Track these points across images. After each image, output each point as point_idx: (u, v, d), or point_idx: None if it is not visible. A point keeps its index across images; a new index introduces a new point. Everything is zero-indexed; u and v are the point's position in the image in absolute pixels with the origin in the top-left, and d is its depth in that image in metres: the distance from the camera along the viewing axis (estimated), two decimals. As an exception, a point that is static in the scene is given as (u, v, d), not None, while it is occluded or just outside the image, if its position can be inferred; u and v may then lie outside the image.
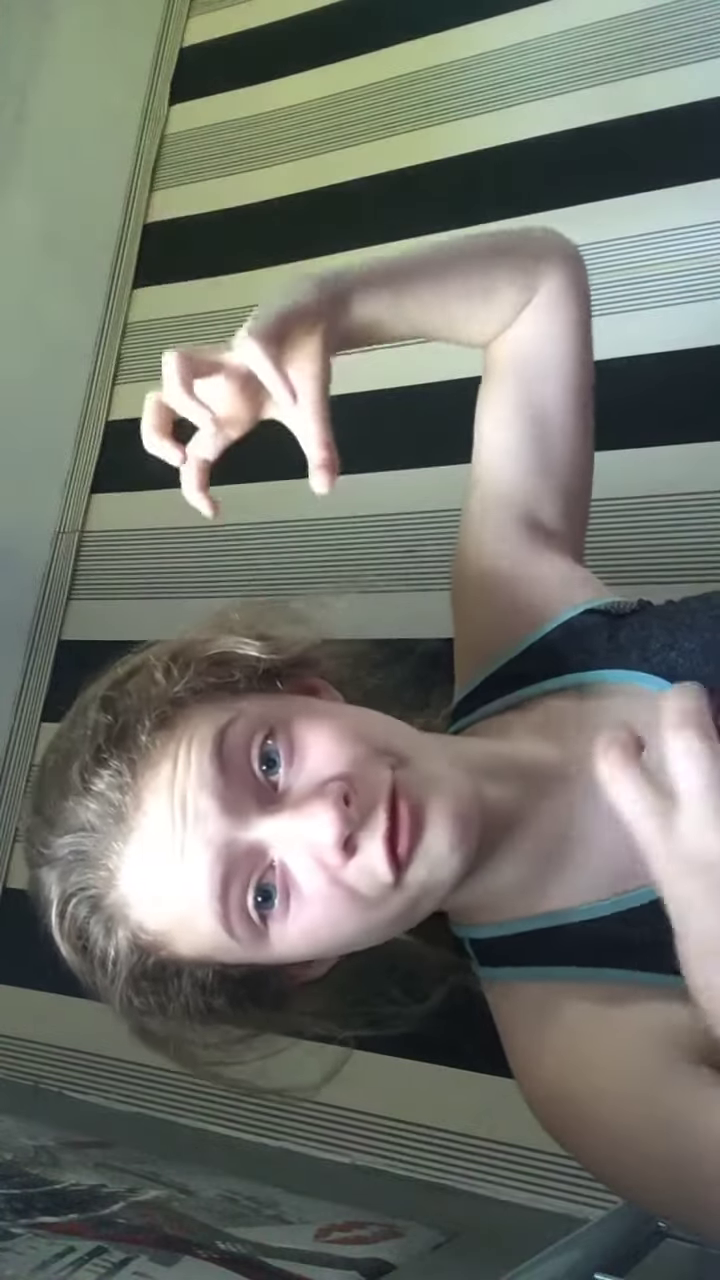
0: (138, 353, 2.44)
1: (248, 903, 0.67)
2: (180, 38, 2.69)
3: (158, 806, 0.68)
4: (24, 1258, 1.05)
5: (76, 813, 0.70)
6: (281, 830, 0.66)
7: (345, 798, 0.65)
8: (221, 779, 0.67)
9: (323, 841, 0.65)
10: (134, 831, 0.68)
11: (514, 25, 2.20)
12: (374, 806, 0.66)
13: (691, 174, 1.91)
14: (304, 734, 0.69)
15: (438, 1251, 1.27)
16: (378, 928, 0.70)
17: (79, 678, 0.79)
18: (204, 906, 0.67)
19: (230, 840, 0.66)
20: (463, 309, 0.87)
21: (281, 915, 0.67)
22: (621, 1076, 0.68)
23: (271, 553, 2.11)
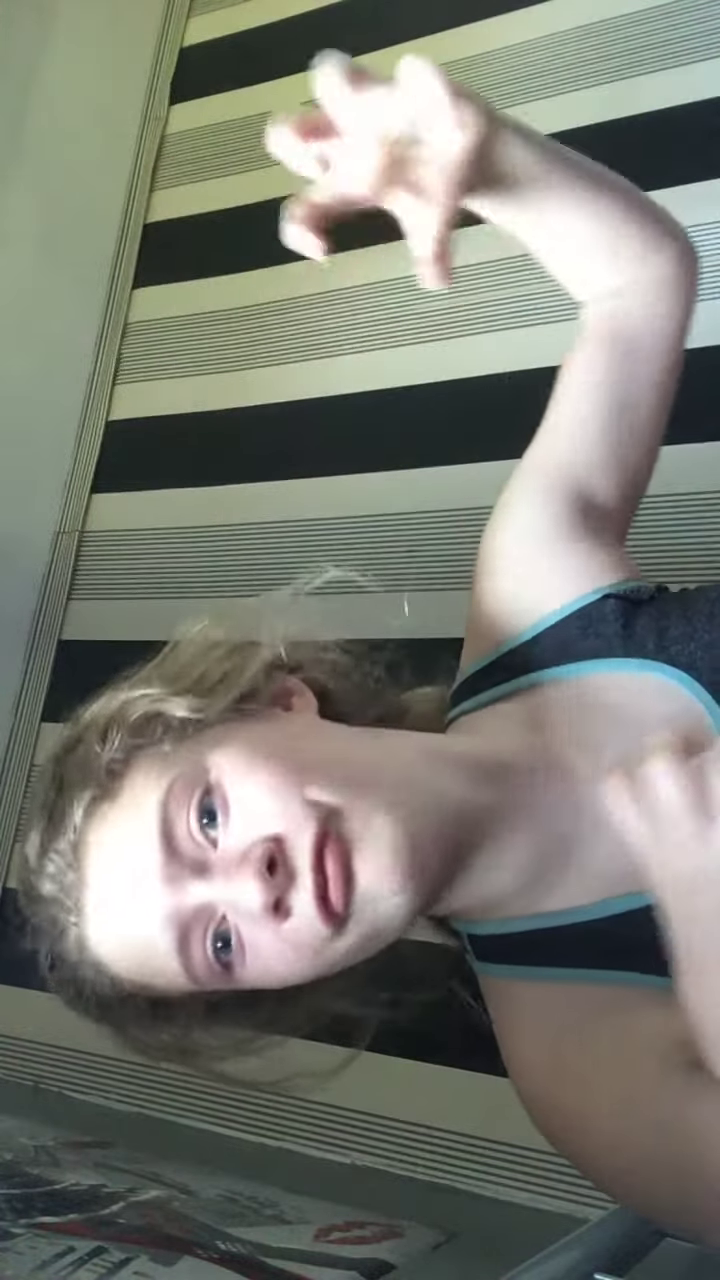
0: (138, 353, 2.44)
1: (208, 952, 0.70)
2: (180, 38, 2.69)
3: (99, 878, 0.71)
4: (24, 1258, 1.05)
5: (39, 885, 0.74)
6: (216, 894, 0.68)
7: (271, 861, 0.66)
8: (162, 858, 0.69)
9: (251, 908, 0.67)
10: (85, 907, 0.72)
11: (514, 25, 2.20)
12: (302, 865, 0.67)
13: (691, 174, 1.91)
14: (236, 789, 0.69)
15: (438, 1251, 1.27)
16: (340, 962, 0.71)
17: (79, 678, 0.79)
18: (169, 965, 0.70)
19: (175, 907, 0.69)
20: (587, 239, 0.82)
21: (240, 960, 0.70)
22: (617, 1082, 0.68)
23: (271, 553, 2.11)
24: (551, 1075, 0.71)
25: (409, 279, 0.70)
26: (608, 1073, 0.68)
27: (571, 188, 0.77)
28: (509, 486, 0.89)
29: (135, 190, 2.56)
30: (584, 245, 0.82)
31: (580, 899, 0.74)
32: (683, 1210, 0.66)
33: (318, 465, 2.12)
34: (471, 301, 2.04)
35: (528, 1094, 0.72)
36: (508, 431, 2.06)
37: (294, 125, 0.69)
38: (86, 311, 2.46)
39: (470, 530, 1.91)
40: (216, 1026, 0.77)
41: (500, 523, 0.88)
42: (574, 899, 0.74)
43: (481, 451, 1.95)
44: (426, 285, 0.68)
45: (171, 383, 2.38)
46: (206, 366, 2.34)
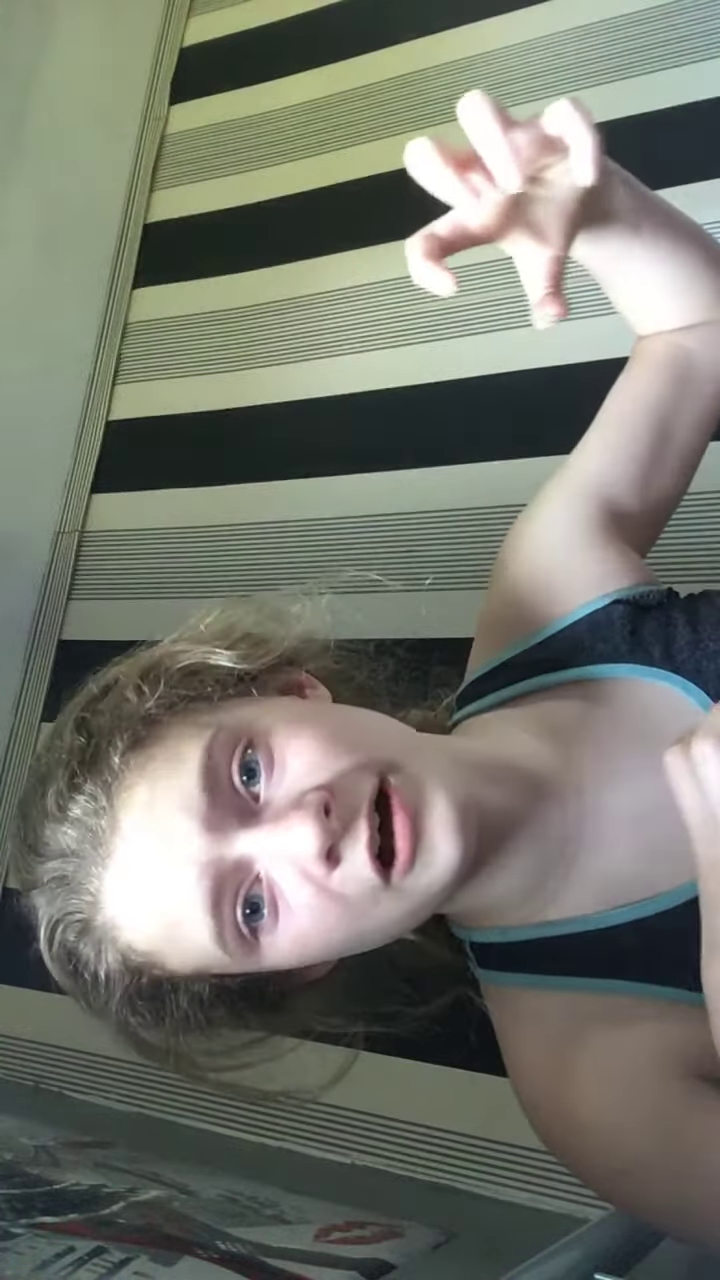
0: (138, 353, 2.45)
1: (237, 916, 0.66)
2: (180, 38, 2.69)
3: (135, 829, 0.67)
4: (24, 1258, 1.05)
5: (56, 838, 0.69)
6: (263, 844, 0.66)
7: (326, 808, 0.64)
8: (206, 799, 0.66)
9: (304, 854, 0.64)
10: (112, 856, 0.68)
11: (514, 25, 2.21)
12: (356, 814, 0.65)
13: (691, 174, 1.91)
14: (284, 743, 0.67)
15: (438, 1251, 1.27)
16: (371, 933, 0.69)
17: (79, 678, 0.78)
18: (196, 925, 0.66)
19: (215, 858, 0.66)
20: (662, 284, 0.85)
21: (271, 926, 0.67)
22: (616, 1089, 0.68)
23: (271, 553, 2.11)
24: (552, 1080, 0.70)
25: (409, 279, 0.70)
26: (607, 1080, 0.68)
27: (657, 234, 0.81)
28: (541, 493, 0.89)
29: (135, 190, 2.56)
30: (658, 289, 0.86)
31: (582, 908, 0.73)
32: (681, 1214, 0.66)
33: (318, 465, 2.12)
34: (471, 301, 2.04)
35: (528, 1099, 0.72)
36: (508, 431, 2.07)
37: (439, 152, 0.68)
38: (86, 311, 2.46)
39: (470, 530, 1.92)
40: (210, 1028, 0.75)
41: (526, 527, 0.88)
42: (576, 908, 0.74)
43: (481, 451, 1.95)
44: (539, 325, 0.71)
45: (171, 383, 2.38)
46: (206, 366, 2.34)
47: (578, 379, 1.91)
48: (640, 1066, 0.68)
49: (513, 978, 0.75)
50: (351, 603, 0.86)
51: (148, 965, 0.70)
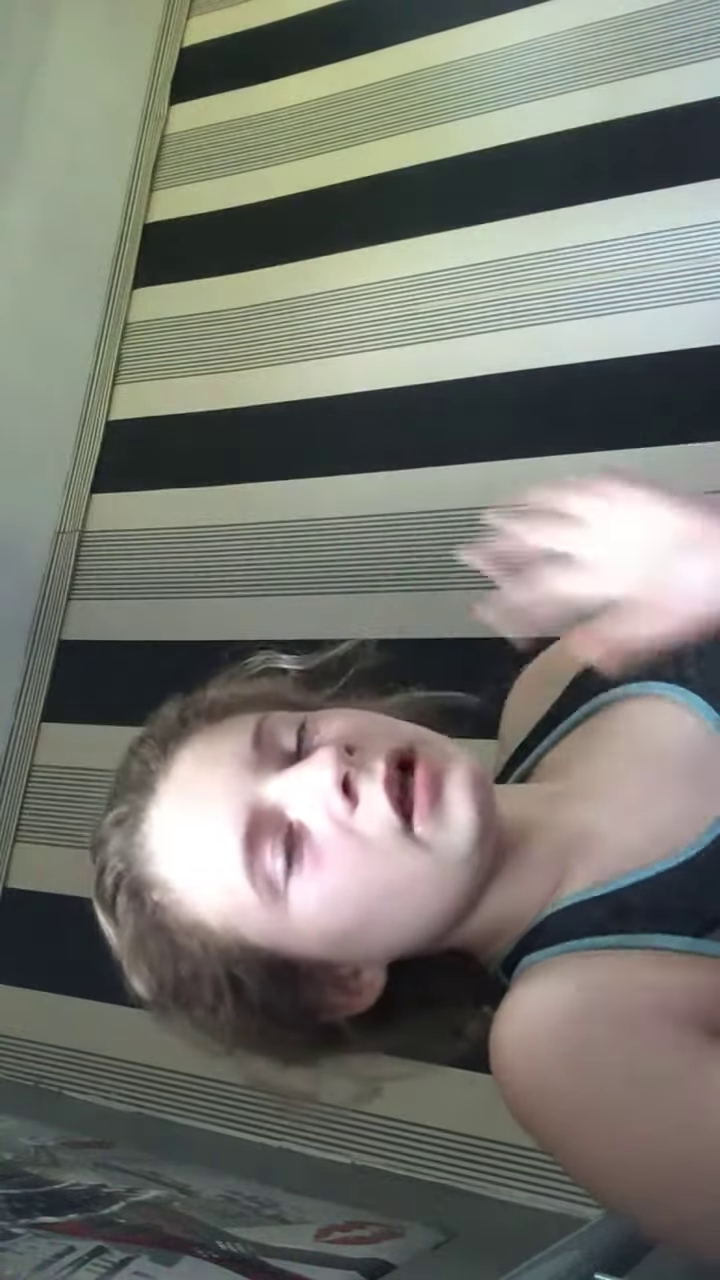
0: (138, 353, 2.45)
1: (268, 857, 0.69)
2: (180, 38, 2.69)
3: (186, 769, 0.73)
4: (24, 1258, 1.05)
5: (119, 792, 0.76)
6: (290, 783, 0.70)
7: (348, 749, 0.70)
8: (254, 752, 0.72)
9: (322, 783, 0.68)
10: (163, 794, 0.73)
11: (513, 25, 2.21)
12: (375, 760, 0.69)
13: (691, 174, 1.91)
14: (329, 718, 0.74)
15: (438, 1251, 1.27)
16: (402, 890, 0.70)
17: (79, 678, 0.80)
18: (230, 855, 0.70)
19: (253, 795, 0.70)
20: None
21: (299, 871, 0.69)
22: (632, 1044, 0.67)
23: (271, 553, 2.11)
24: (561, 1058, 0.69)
25: (409, 279, 0.70)
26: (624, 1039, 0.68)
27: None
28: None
29: (135, 190, 2.56)
30: None
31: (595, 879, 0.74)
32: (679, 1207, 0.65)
33: (318, 465, 2.12)
34: (471, 301, 2.04)
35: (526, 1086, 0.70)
36: (508, 431, 2.08)
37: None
38: (86, 311, 2.46)
39: (469, 530, 1.91)
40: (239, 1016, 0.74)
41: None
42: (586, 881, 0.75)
43: (481, 451, 1.95)
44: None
45: (171, 383, 2.38)
46: (206, 366, 2.34)
47: (578, 379, 1.92)
48: (633, 1010, 0.68)
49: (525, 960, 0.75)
50: (361, 605, 0.87)
51: (181, 904, 0.72)
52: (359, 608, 1.97)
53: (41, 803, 2.19)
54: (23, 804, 2.20)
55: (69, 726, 2.20)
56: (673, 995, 0.68)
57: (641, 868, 0.73)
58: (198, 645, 2.10)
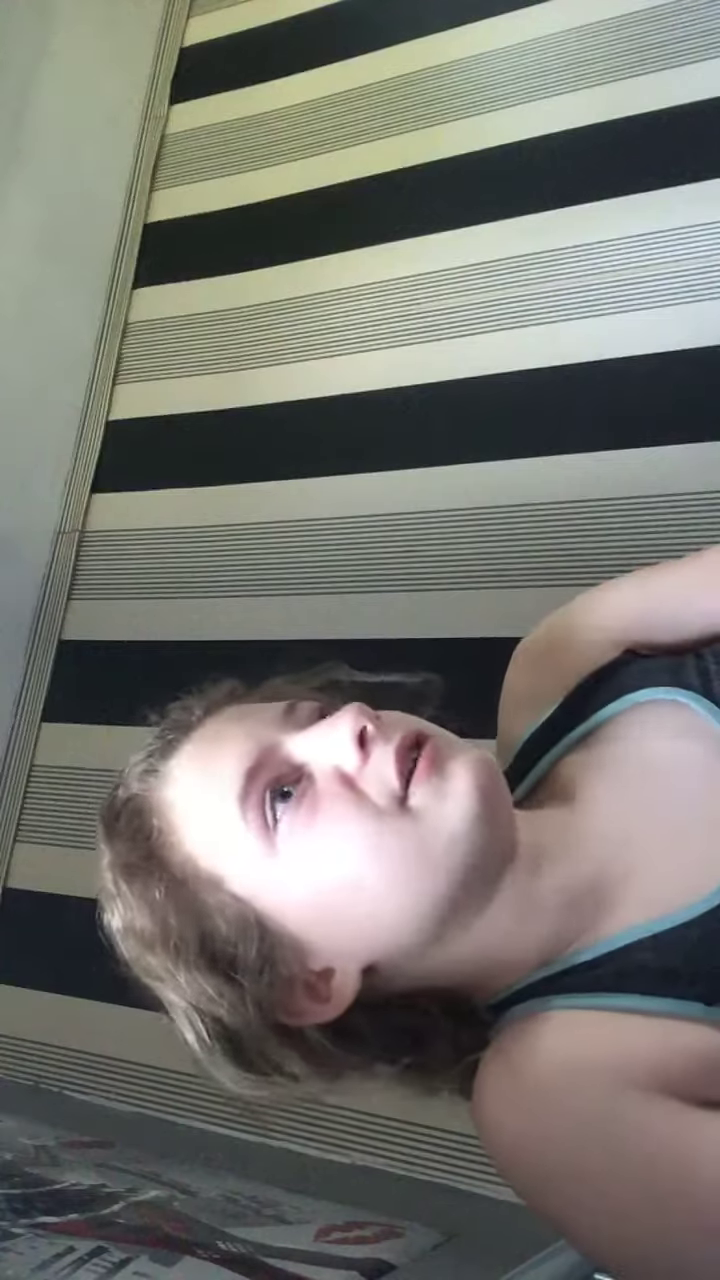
0: (138, 353, 2.45)
1: (265, 792, 0.71)
2: (180, 38, 2.69)
3: (219, 722, 0.77)
4: (24, 1258, 1.05)
5: (153, 737, 0.79)
6: (311, 739, 0.72)
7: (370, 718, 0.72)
8: (283, 715, 0.75)
9: (341, 733, 0.71)
10: (194, 736, 0.76)
11: (514, 25, 2.21)
12: (392, 728, 0.71)
13: (691, 174, 1.91)
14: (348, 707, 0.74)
15: (438, 1251, 1.27)
16: (387, 862, 0.68)
17: (79, 678, 0.80)
18: (231, 786, 0.71)
19: (270, 740, 0.73)
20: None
21: (292, 813, 0.70)
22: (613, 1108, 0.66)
23: (271, 553, 2.11)
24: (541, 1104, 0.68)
25: (409, 279, 0.70)
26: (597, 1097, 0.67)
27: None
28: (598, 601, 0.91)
29: (135, 190, 2.56)
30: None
31: (596, 937, 0.73)
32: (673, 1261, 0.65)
33: (318, 465, 2.12)
34: (471, 301, 2.04)
35: (513, 1143, 0.70)
36: (508, 431, 2.08)
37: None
38: (86, 311, 2.46)
39: (470, 530, 1.92)
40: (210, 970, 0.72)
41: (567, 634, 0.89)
42: (591, 939, 0.73)
43: (481, 451, 1.95)
44: None
45: (171, 383, 2.38)
46: (206, 366, 2.34)
47: (578, 379, 1.92)
48: (613, 1077, 0.67)
49: (510, 1014, 0.74)
50: (361, 605, 0.87)
51: (175, 833, 0.73)
52: (359, 608, 1.97)
53: (41, 803, 2.19)
54: (23, 804, 2.20)
55: (69, 726, 2.20)
56: (672, 1064, 0.66)
57: (651, 920, 0.71)
58: (198, 645, 2.10)
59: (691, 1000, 0.68)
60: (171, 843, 0.73)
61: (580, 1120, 0.67)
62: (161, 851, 0.73)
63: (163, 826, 0.74)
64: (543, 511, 1.85)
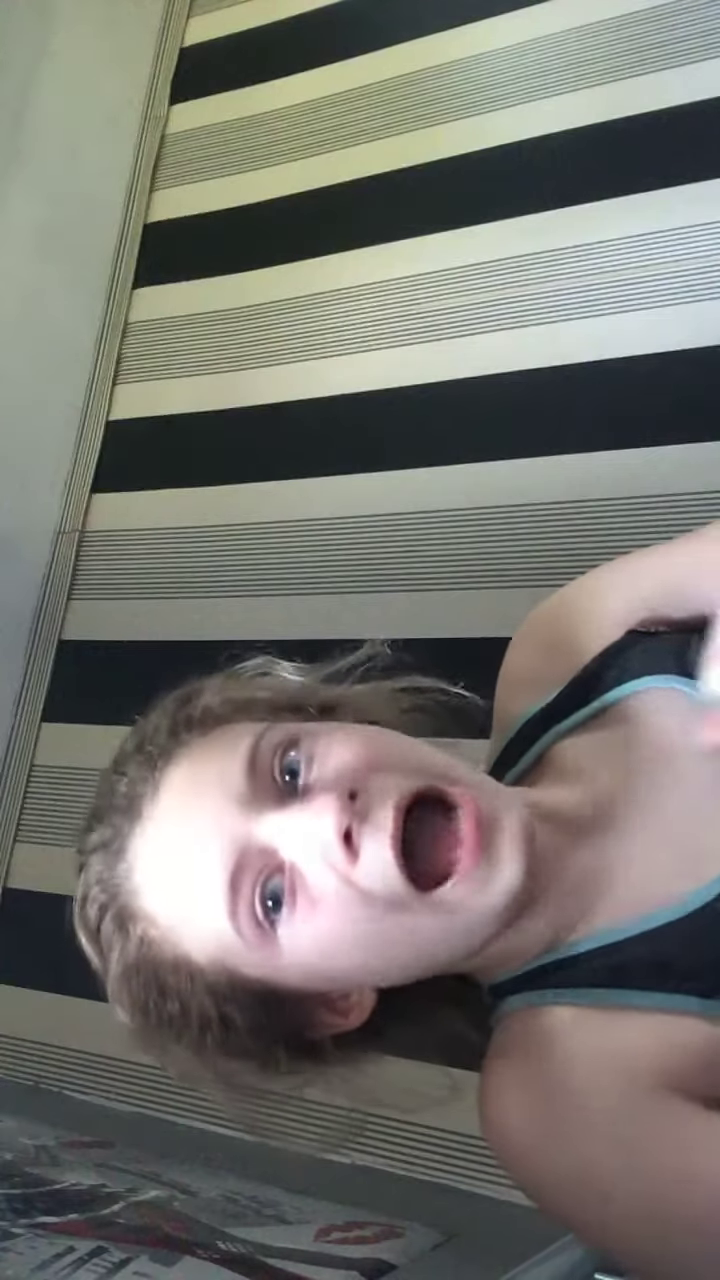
0: (138, 353, 2.44)
1: (255, 899, 0.66)
2: (180, 38, 2.69)
3: (173, 796, 0.69)
4: (24, 1258, 1.05)
5: (104, 810, 0.72)
6: (287, 824, 0.66)
7: (351, 794, 0.65)
8: (245, 782, 0.68)
9: (321, 832, 0.64)
10: (149, 821, 0.69)
11: (514, 25, 2.21)
12: (381, 807, 0.65)
13: (691, 174, 1.91)
14: (326, 744, 0.69)
15: (438, 1251, 1.27)
16: (400, 947, 0.67)
17: (79, 678, 0.80)
18: (214, 898, 0.66)
19: (243, 834, 0.66)
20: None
21: (290, 917, 0.66)
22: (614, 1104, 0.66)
23: (271, 553, 2.11)
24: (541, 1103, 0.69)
25: (409, 279, 0.70)
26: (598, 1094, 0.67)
27: None
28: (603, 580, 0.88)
29: (135, 190, 2.56)
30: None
31: (599, 924, 0.73)
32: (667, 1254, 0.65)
33: (318, 465, 2.12)
34: (471, 301, 2.04)
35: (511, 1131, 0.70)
36: (508, 432, 2.07)
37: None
38: (86, 311, 2.46)
39: (470, 530, 1.92)
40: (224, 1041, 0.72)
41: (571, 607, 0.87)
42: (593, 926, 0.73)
43: (481, 451, 1.95)
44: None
45: (171, 383, 2.38)
46: (206, 366, 2.34)
47: (578, 379, 1.91)
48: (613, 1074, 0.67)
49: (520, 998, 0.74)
50: (361, 605, 0.86)
51: (166, 941, 0.69)
52: (359, 608, 1.97)
53: (41, 803, 2.19)
54: (23, 804, 2.20)
55: (69, 726, 2.20)
56: (671, 1059, 0.66)
57: (648, 913, 0.70)
58: (198, 645, 2.10)
59: (688, 995, 0.67)
60: (164, 949, 0.70)
61: (584, 1120, 0.67)
62: (156, 958, 0.70)
63: (150, 935, 0.70)
64: (543, 511, 1.85)
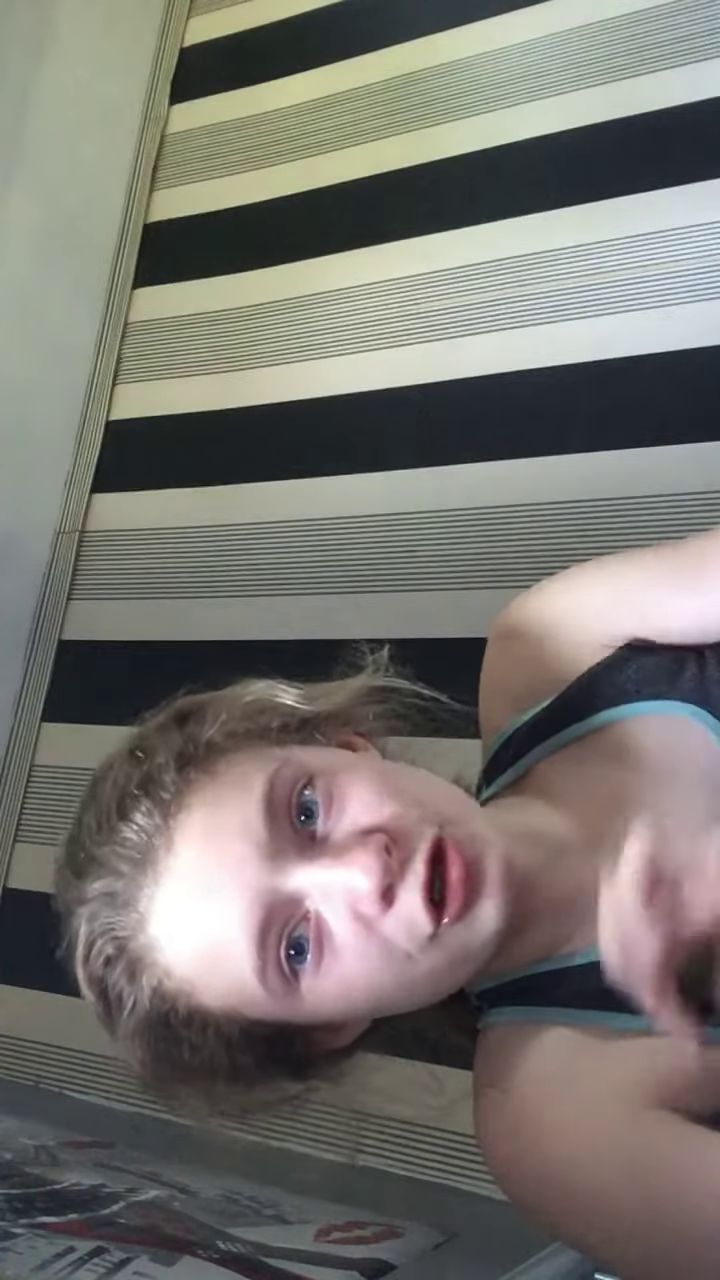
0: (138, 353, 2.44)
1: (281, 956, 0.65)
2: (180, 38, 2.69)
3: (191, 849, 0.66)
4: (24, 1258, 1.05)
5: (107, 857, 0.69)
6: (320, 878, 0.65)
7: (386, 848, 0.64)
8: (267, 829, 0.66)
9: (362, 890, 0.64)
10: (166, 874, 0.67)
11: (514, 25, 2.20)
12: (412, 858, 0.65)
13: (691, 174, 1.91)
14: (345, 784, 0.68)
15: (438, 1251, 1.27)
16: (413, 986, 0.68)
17: (79, 678, 0.79)
18: (239, 953, 0.65)
19: (269, 887, 0.65)
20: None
21: (314, 968, 0.66)
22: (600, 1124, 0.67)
23: (271, 553, 2.11)
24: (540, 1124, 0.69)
25: (409, 279, 0.70)
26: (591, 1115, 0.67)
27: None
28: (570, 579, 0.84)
29: (135, 190, 2.56)
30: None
31: (584, 942, 0.73)
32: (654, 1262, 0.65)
33: (318, 465, 2.12)
34: (471, 301, 2.04)
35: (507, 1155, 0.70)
36: (508, 432, 2.07)
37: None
38: (86, 311, 2.46)
39: (470, 530, 1.92)
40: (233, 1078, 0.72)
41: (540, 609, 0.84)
42: (578, 943, 0.73)
43: (481, 451, 1.95)
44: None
45: (171, 383, 2.38)
46: (206, 366, 2.34)
47: (578, 379, 1.91)
48: (605, 1095, 0.67)
49: (509, 1012, 0.74)
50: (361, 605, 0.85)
51: (181, 994, 0.68)
52: (359, 608, 1.97)
53: (41, 803, 2.19)
54: (23, 804, 2.20)
55: (69, 726, 2.20)
56: (660, 1080, 0.66)
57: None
58: (198, 645, 2.10)
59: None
60: (179, 1003, 0.68)
61: (576, 1143, 0.67)
62: (170, 1011, 0.68)
63: (164, 989, 0.68)
64: (543, 511, 1.85)
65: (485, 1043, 0.75)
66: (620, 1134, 0.65)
